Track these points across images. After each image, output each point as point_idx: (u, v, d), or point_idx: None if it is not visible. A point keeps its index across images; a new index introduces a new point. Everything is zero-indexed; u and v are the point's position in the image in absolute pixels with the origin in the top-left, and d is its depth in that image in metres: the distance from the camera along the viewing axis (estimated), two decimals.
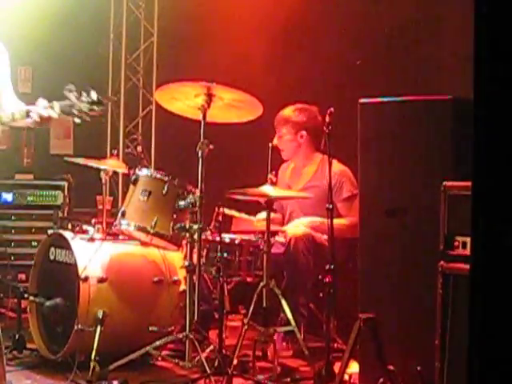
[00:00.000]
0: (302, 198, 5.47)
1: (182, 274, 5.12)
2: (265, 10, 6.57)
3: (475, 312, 1.93)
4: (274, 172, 5.06)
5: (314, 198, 5.33)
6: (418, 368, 3.96)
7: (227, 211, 5.31)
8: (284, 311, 4.79)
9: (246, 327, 4.66)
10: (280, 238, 5.34)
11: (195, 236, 4.73)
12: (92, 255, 4.87)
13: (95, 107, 3.86)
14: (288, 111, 5.67)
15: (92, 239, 5.04)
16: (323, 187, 5.35)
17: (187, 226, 4.81)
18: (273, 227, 5.01)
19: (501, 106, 1.90)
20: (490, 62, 1.92)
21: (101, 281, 4.89)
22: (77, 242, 4.97)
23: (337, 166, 5.40)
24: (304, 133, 5.61)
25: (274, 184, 5.01)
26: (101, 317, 4.77)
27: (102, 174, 5.30)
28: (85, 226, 5.21)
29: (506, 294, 1.87)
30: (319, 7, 6.31)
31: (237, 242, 5.03)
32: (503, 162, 1.90)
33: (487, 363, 1.88)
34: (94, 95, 3.86)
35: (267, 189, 4.89)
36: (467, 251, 3.64)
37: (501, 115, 1.91)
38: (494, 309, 1.89)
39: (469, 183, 2.04)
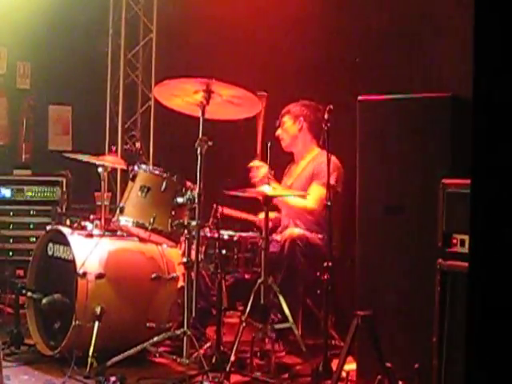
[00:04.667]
0: (300, 195, 5.46)
1: (180, 271, 5.13)
2: (264, 6, 6.56)
3: (473, 309, 1.93)
4: (272, 172, 5.07)
5: (301, 186, 5.40)
6: (416, 365, 3.96)
7: (227, 211, 5.30)
8: (282, 308, 4.80)
9: (243, 324, 4.66)
10: (277, 236, 5.34)
11: (193, 232, 4.73)
12: (90, 251, 4.87)
13: None
14: (293, 104, 5.78)
15: (90, 235, 5.04)
16: (310, 173, 5.41)
17: (186, 223, 4.81)
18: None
19: (499, 103, 1.91)
20: (489, 59, 1.92)
21: (99, 277, 4.89)
22: (75, 238, 4.97)
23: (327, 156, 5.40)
24: (302, 119, 5.70)
25: (272, 180, 5.01)
26: (98, 313, 4.77)
27: (101, 170, 5.29)
28: (83, 222, 5.21)
29: (504, 291, 1.88)
30: (318, 4, 6.30)
31: (235, 238, 5.03)
32: (502, 159, 1.90)
33: (485, 360, 1.89)
34: None
35: (265, 188, 4.90)
36: (465, 249, 3.65)
37: (499, 113, 1.91)
38: (491, 306, 1.90)
39: (467, 181, 2.05)
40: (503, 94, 1.90)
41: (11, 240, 6.64)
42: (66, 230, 5.04)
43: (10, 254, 6.58)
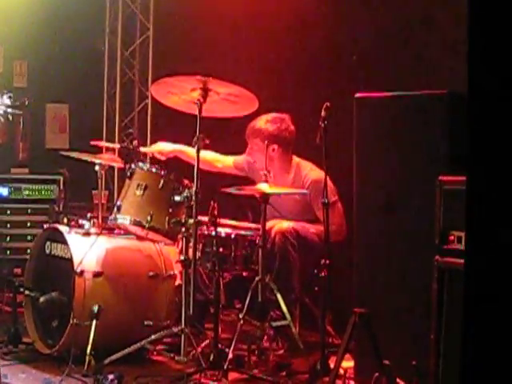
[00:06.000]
0: (298, 193, 5.42)
1: (177, 269, 5.13)
2: (262, 4, 6.56)
3: (470, 306, 1.93)
4: (270, 169, 5.05)
5: (295, 206, 5.34)
6: (414, 362, 3.97)
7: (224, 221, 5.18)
8: (279, 305, 4.80)
9: (241, 322, 4.66)
10: None
11: (191, 230, 4.73)
12: (87, 249, 4.87)
13: (10, 110, 3.92)
14: (259, 123, 5.46)
15: (88, 233, 5.04)
16: (302, 196, 5.33)
17: (183, 221, 4.81)
18: None
19: (495, 100, 1.91)
20: (484, 57, 1.92)
21: (96, 275, 4.89)
22: (72, 237, 4.97)
23: (312, 173, 5.36)
24: (275, 146, 5.43)
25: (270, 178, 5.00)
26: (96, 311, 4.77)
27: (98, 169, 5.29)
28: (80, 221, 5.21)
29: (499, 288, 1.88)
30: (315, 2, 6.30)
31: (232, 236, 5.03)
32: (498, 156, 1.90)
33: (481, 356, 1.89)
34: (6, 100, 3.90)
35: (262, 186, 4.89)
36: (463, 246, 3.65)
37: (495, 110, 1.91)
38: (488, 303, 1.90)
39: (464, 178, 2.04)
40: (499, 90, 1.90)
41: (8, 238, 6.64)
42: (63, 229, 5.03)
43: (8, 252, 6.58)
